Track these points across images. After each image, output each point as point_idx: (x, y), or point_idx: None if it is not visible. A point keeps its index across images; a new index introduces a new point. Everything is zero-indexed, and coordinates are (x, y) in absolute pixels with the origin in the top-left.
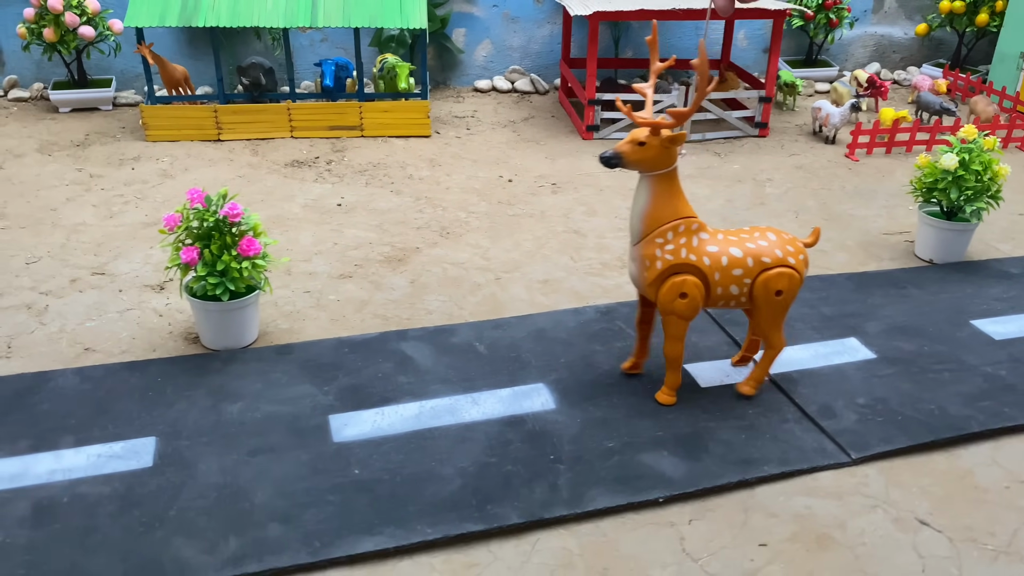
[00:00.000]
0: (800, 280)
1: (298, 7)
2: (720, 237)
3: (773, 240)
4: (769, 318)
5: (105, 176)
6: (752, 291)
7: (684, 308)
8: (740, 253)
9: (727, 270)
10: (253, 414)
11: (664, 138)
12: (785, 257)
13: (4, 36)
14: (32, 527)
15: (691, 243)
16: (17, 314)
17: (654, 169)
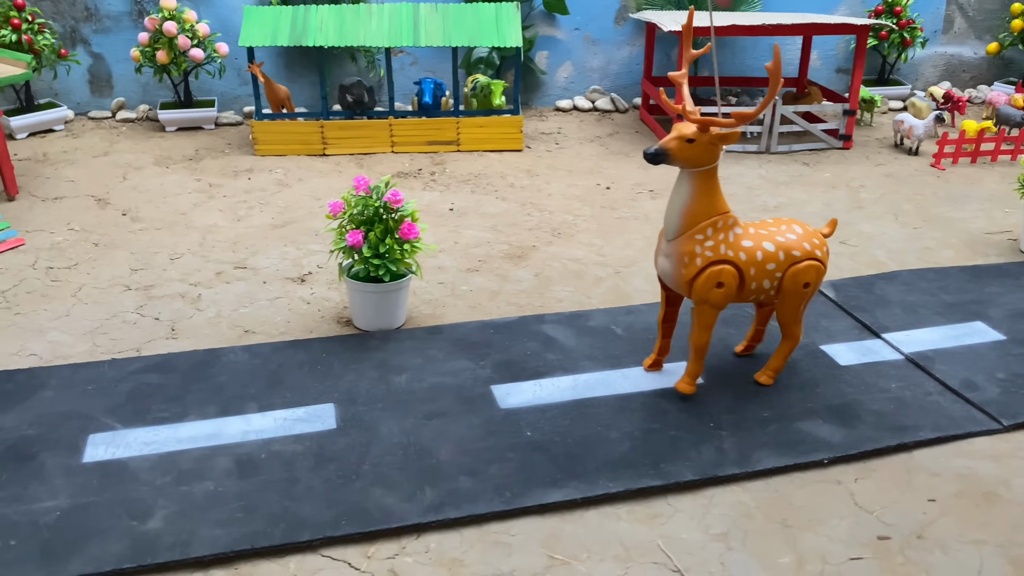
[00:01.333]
0: (823, 271)
1: (401, 28)
2: (752, 231)
3: (800, 233)
4: (793, 309)
5: (224, 185)
6: (781, 283)
7: (719, 298)
8: (773, 248)
9: (761, 265)
10: (420, 384)
11: (714, 135)
12: (812, 250)
13: (113, 61)
14: (238, 478)
15: (728, 239)
16: (174, 302)
17: (698, 165)
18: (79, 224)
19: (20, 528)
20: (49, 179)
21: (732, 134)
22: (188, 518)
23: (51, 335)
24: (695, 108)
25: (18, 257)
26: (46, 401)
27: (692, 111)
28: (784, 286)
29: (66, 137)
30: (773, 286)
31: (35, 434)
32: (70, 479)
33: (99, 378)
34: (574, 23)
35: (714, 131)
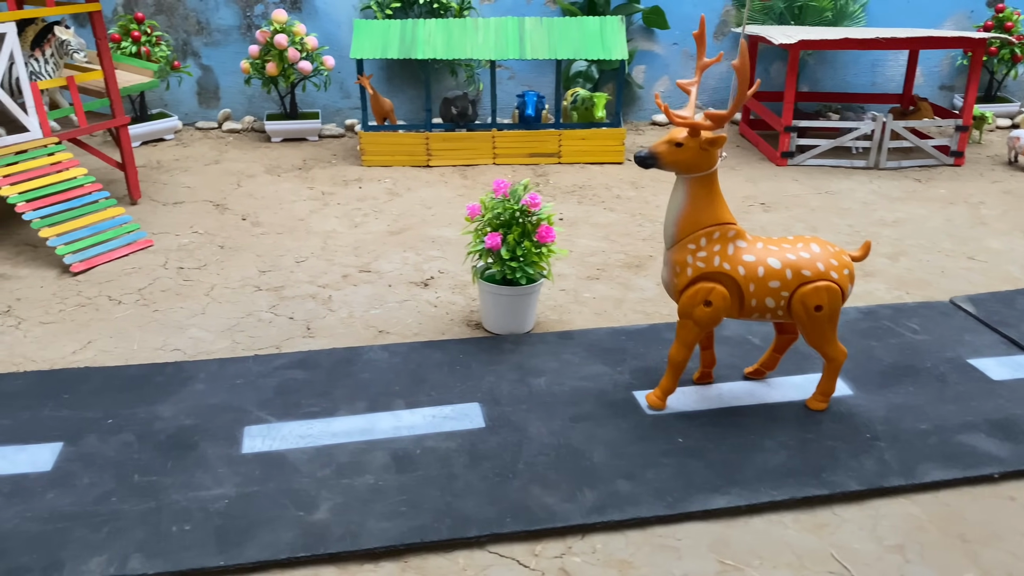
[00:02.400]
0: (842, 294)
1: (507, 41)
2: (759, 246)
3: (816, 252)
4: (816, 333)
5: (336, 193)
6: (790, 305)
7: (704, 316)
8: (778, 264)
9: (763, 281)
10: (560, 387)
11: (703, 140)
12: (828, 271)
13: (221, 73)
14: (397, 472)
15: (726, 251)
16: (305, 303)
17: (692, 171)
18: (202, 227)
19: (193, 514)
20: (167, 185)
21: (719, 138)
22: (354, 510)
23: (190, 332)
24: (689, 115)
25: (149, 257)
26: (198, 393)
27: (680, 115)
28: (793, 308)
29: (176, 146)
30: (779, 306)
31: (193, 424)
32: (232, 469)
33: (245, 372)
34: (672, 38)
35: (703, 135)
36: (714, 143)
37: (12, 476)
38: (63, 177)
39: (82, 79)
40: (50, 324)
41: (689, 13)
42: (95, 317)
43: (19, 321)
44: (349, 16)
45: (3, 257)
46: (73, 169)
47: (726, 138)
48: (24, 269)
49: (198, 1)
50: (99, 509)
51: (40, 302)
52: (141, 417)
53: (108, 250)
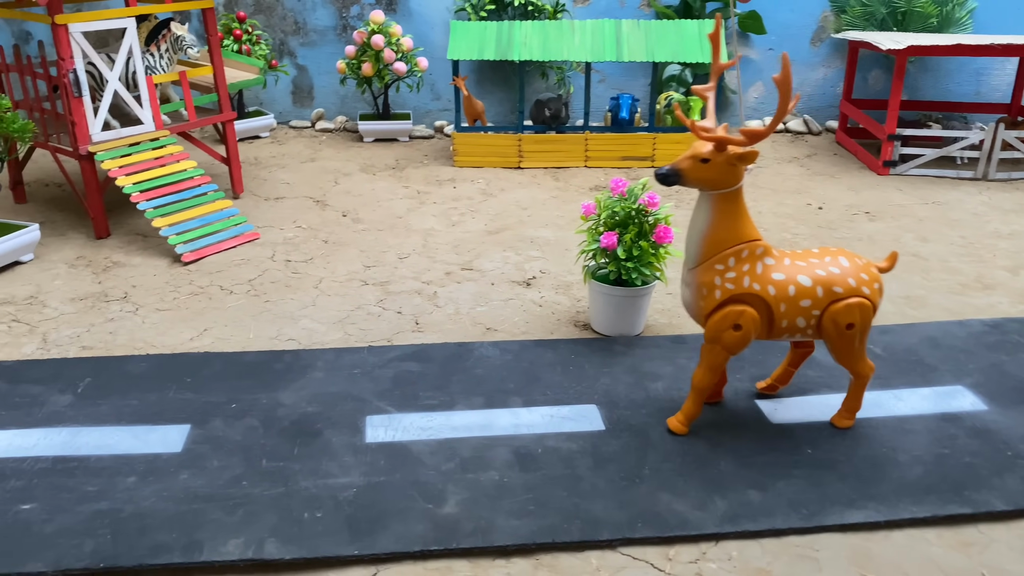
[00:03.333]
0: (874, 310)
1: (604, 43)
2: (787, 263)
3: (846, 267)
4: (846, 350)
5: (431, 193)
6: (820, 323)
7: (733, 341)
8: (809, 282)
9: (794, 300)
10: (679, 393)
11: (731, 155)
12: (859, 286)
13: (316, 73)
14: (520, 470)
15: (755, 270)
16: (411, 298)
17: (717, 188)
18: (305, 222)
19: (323, 501)
20: (266, 181)
21: (750, 154)
22: (482, 506)
23: (303, 322)
24: (712, 126)
25: (256, 250)
26: (317, 381)
27: (705, 128)
28: (824, 326)
29: (272, 143)
30: (810, 325)
31: (315, 412)
32: (358, 458)
33: (361, 363)
34: (768, 43)
35: (732, 151)
36: (743, 159)
37: (145, 455)
38: (174, 169)
39: (192, 75)
40: (166, 311)
41: (786, 19)
42: (208, 306)
43: (136, 307)
44: (443, 18)
45: (116, 245)
46: (183, 162)
47: (758, 154)
48: (137, 257)
49: (296, 1)
50: (231, 492)
51: (155, 290)
52: (263, 403)
53: (217, 241)
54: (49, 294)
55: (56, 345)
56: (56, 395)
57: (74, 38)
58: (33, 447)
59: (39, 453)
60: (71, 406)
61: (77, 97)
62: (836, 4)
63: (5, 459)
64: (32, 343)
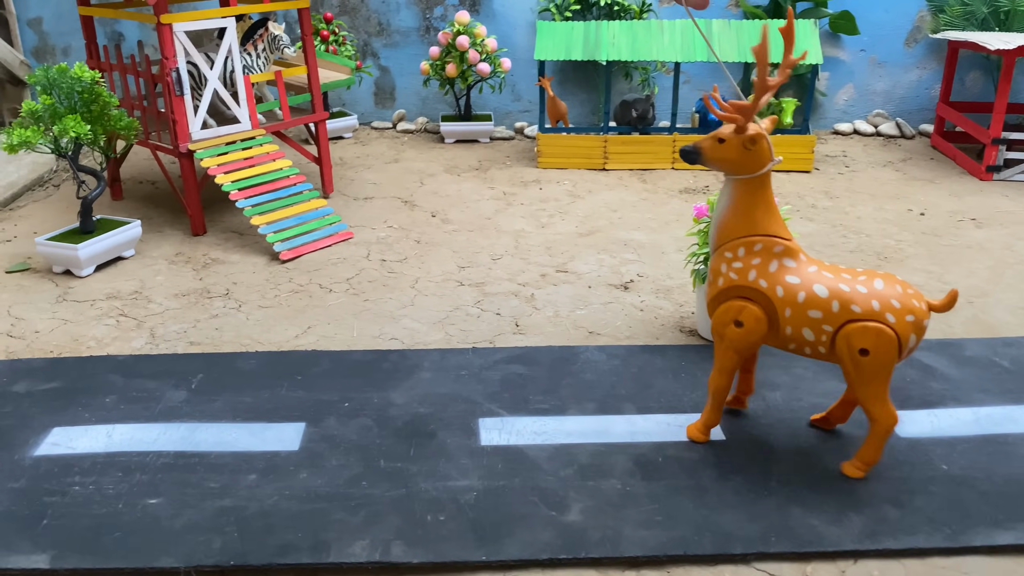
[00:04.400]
0: (895, 342)
1: (694, 43)
2: (812, 270)
3: (878, 289)
4: (861, 383)
5: (517, 194)
6: (834, 343)
7: (737, 338)
8: (825, 293)
9: (802, 308)
10: (799, 403)
11: (745, 137)
12: (883, 311)
13: (398, 74)
14: (643, 479)
15: (766, 266)
16: (509, 300)
17: (737, 172)
18: (396, 222)
19: (445, 505)
20: (353, 181)
21: (757, 134)
22: (607, 515)
23: (403, 322)
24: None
25: (351, 249)
26: (426, 382)
27: (728, 107)
28: (837, 346)
29: (355, 144)
30: (820, 340)
31: (428, 412)
32: (475, 460)
33: (468, 364)
34: (860, 44)
35: (751, 130)
36: (755, 141)
37: (264, 453)
38: (270, 168)
39: (287, 74)
40: (268, 308)
41: (880, 19)
42: (310, 304)
43: (239, 304)
44: (525, 18)
45: (213, 243)
46: (279, 160)
47: (763, 134)
48: (234, 255)
49: (380, 3)
50: (352, 492)
51: (255, 287)
52: (375, 402)
53: (313, 240)
54: (153, 289)
55: (164, 340)
56: (171, 390)
57: (177, 37)
58: (154, 441)
59: (160, 448)
60: (187, 402)
61: (179, 96)
62: (934, 3)
63: (129, 452)
64: (141, 337)
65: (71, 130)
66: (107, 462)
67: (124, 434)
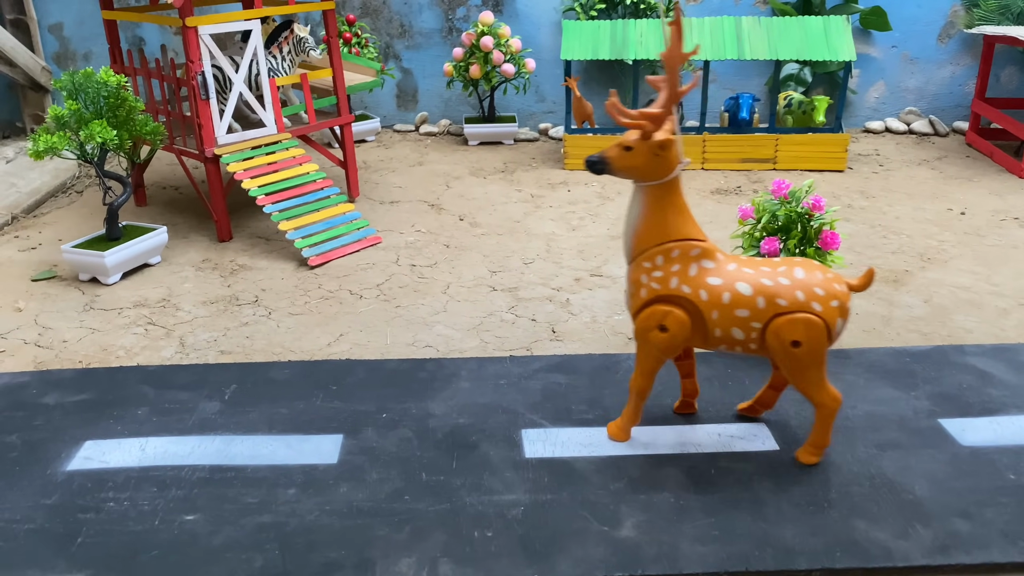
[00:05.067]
0: (825, 329)
1: (724, 41)
2: (731, 268)
3: (800, 278)
4: (797, 374)
5: (545, 196)
6: (764, 338)
7: (661, 343)
8: (749, 291)
9: (728, 309)
10: (853, 411)
11: (653, 143)
12: (808, 301)
13: (420, 76)
14: (696, 492)
15: (687, 271)
16: (544, 305)
17: (647, 179)
18: (424, 226)
19: (491, 520)
20: (378, 184)
21: (667, 140)
22: (661, 530)
23: (437, 328)
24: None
25: (380, 253)
26: (464, 392)
27: (620, 111)
28: (768, 342)
29: (378, 147)
30: (750, 338)
31: (468, 423)
32: (520, 474)
33: (506, 373)
34: (891, 40)
35: (657, 138)
36: (664, 147)
37: (302, 467)
38: (297, 172)
39: (312, 77)
40: (299, 315)
41: (912, 15)
42: (340, 310)
43: (269, 311)
44: (549, 18)
45: (239, 248)
46: (306, 165)
47: (673, 140)
48: (262, 261)
49: (403, 4)
50: (395, 507)
51: (285, 293)
52: (414, 413)
53: (341, 245)
54: (181, 297)
55: (194, 349)
56: (204, 401)
57: (203, 40)
58: (189, 455)
59: (196, 461)
60: (221, 413)
61: (204, 99)
62: None
63: (164, 467)
64: (170, 346)
65: (97, 136)
66: (141, 477)
67: (158, 447)
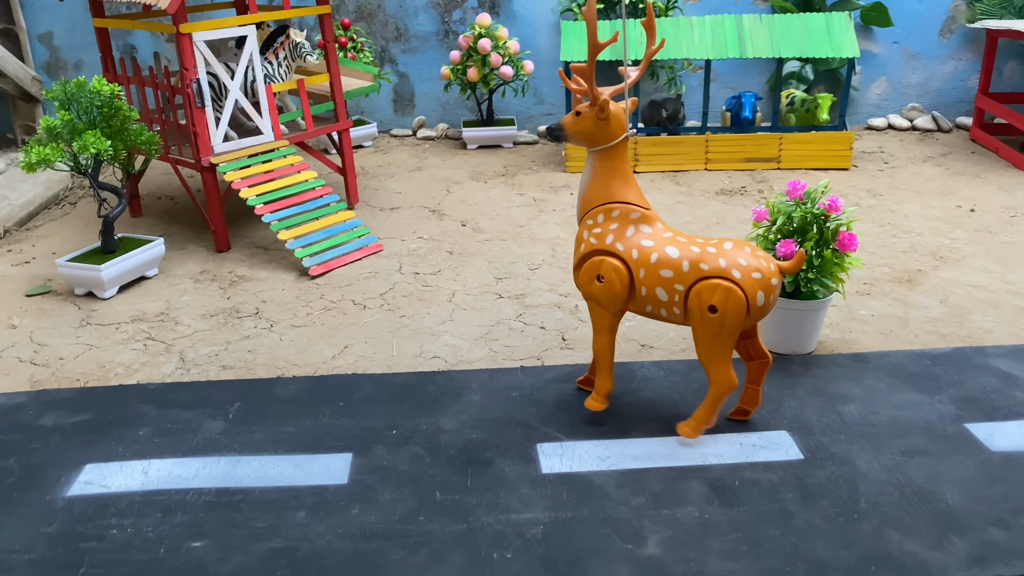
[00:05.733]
0: (743, 299)
1: (726, 40)
2: (666, 235)
3: (728, 250)
4: (706, 341)
5: (548, 200)
6: (687, 303)
7: (601, 294)
8: (676, 254)
9: (655, 268)
10: (876, 416)
11: (596, 108)
12: (729, 268)
13: (417, 80)
14: (720, 505)
15: (624, 231)
16: (551, 312)
17: (594, 144)
18: (426, 233)
19: (511, 540)
20: (377, 191)
21: (602, 102)
22: (687, 547)
23: (444, 339)
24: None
25: (382, 262)
26: (476, 405)
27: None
28: (689, 306)
29: (376, 152)
30: (673, 300)
31: (481, 439)
32: (537, 490)
33: (518, 385)
34: (893, 36)
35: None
36: (603, 108)
37: (312, 488)
38: (295, 180)
39: (309, 83)
40: (302, 328)
41: (914, 10)
42: (344, 321)
43: (271, 324)
44: (547, 19)
45: (238, 259)
46: (304, 172)
47: (606, 103)
48: (262, 271)
49: (398, 7)
50: (409, 529)
51: (286, 305)
52: (424, 429)
53: (342, 254)
54: (179, 310)
55: (195, 364)
56: (208, 421)
57: (197, 47)
58: (194, 477)
59: (201, 484)
60: (225, 433)
61: (200, 108)
62: None
63: (168, 491)
64: (171, 362)
65: (91, 146)
66: (145, 501)
67: (161, 470)
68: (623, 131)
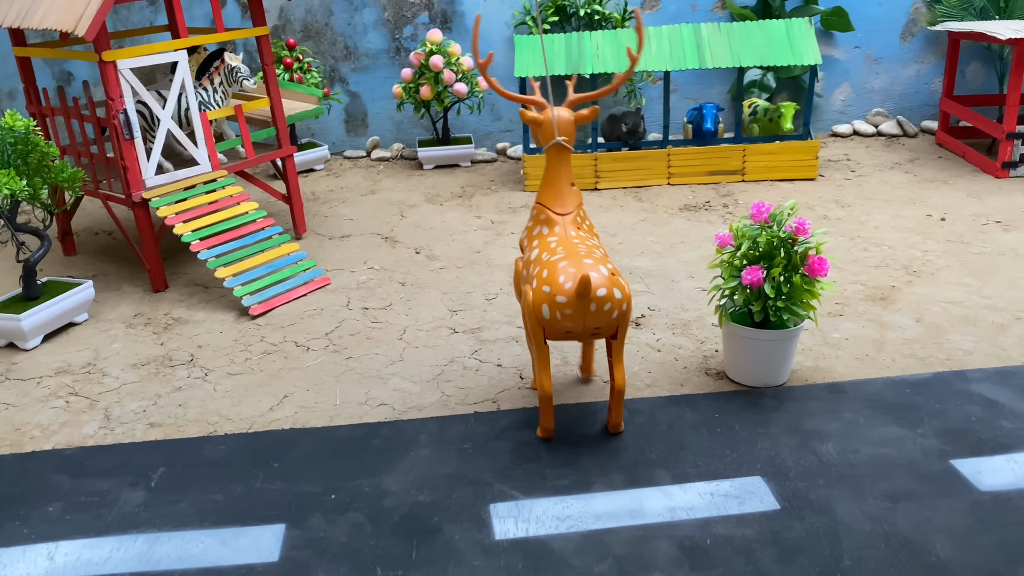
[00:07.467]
0: (530, 308)
1: (684, 50)
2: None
3: (556, 261)
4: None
5: (507, 222)
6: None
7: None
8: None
9: (529, 266)
10: (856, 455)
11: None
12: (537, 277)
13: (369, 100)
14: (692, 569)
15: (533, 230)
16: (510, 346)
17: (539, 144)
18: (377, 263)
19: None
20: (327, 217)
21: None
22: None
23: (392, 382)
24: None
25: (329, 297)
26: (424, 460)
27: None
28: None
29: (327, 176)
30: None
31: (428, 501)
32: (489, 560)
33: (471, 435)
34: (854, 41)
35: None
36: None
37: (238, 568)
38: (234, 212)
39: (248, 108)
40: (239, 375)
41: (874, 14)
42: (285, 366)
43: (205, 372)
44: (501, 33)
45: (175, 299)
46: (244, 204)
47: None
48: (199, 312)
49: (346, 25)
50: None
51: (223, 349)
52: (367, 492)
53: (286, 290)
54: (108, 360)
55: (120, 423)
56: (127, 491)
57: (123, 75)
58: (106, 561)
59: (112, 569)
60: (145, 505)
61: (128, 139)
62: None
63: None
64: (94, 421)
65: (4, 187)
66: None
67: (70, 554)
68: (549, 139)
